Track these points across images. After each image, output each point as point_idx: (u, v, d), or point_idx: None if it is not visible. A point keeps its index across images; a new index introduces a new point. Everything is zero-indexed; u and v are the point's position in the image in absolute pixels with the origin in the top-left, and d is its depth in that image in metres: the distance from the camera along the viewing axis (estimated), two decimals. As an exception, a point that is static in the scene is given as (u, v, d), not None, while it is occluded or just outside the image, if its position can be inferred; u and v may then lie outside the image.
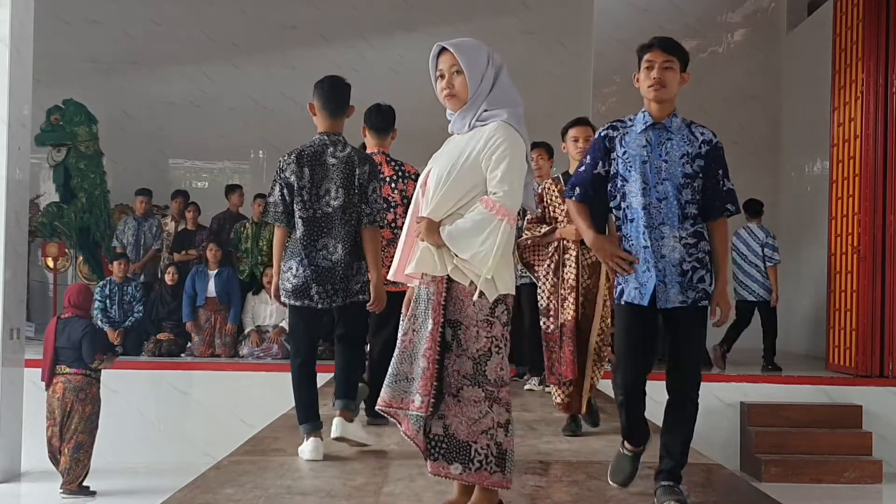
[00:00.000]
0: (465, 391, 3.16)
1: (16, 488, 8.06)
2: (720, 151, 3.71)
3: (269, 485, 3.84)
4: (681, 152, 3.66)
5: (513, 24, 12.96)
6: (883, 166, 8.94)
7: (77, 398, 7.47)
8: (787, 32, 12.67)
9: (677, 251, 3.63)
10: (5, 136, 8.19)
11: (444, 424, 3.20)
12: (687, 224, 3.65)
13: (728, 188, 3.72)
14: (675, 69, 3.71)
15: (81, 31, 12.99)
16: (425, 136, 12.43)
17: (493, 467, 3.18)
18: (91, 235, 11.55)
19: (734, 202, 3.73)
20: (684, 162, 3.65)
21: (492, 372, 3.15)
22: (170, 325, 9.84)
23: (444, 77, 3.33)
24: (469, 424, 3.17)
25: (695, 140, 3.69)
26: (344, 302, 4.55)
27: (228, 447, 4.80)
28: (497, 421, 3.17)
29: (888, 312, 8.85)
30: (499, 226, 3.12)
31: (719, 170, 3.70)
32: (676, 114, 3.75)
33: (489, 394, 3.15)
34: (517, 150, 3.21)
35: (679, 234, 3.64)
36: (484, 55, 3.31)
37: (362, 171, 4.61)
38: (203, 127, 12.98)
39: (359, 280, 4.59)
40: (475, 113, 3.29)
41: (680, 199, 3.64)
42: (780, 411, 8.55)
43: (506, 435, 3.19)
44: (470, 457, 3.18)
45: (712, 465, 4.69)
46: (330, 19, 12.90)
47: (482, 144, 3.22)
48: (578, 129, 5.26)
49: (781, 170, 12.60)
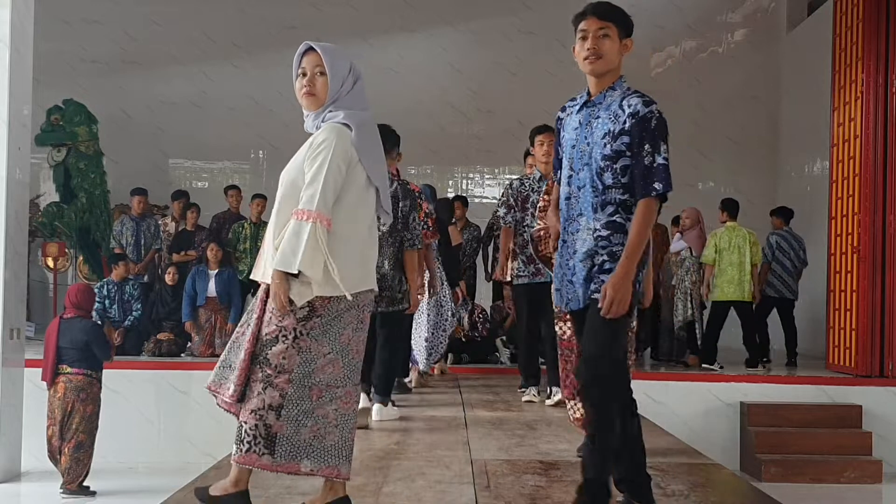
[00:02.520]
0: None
1: (16, 488, 8.06)
2: (648, 123, 3.21)
3: (269, 485, 3.84)
4: (603, 131, 3.27)
5: (513, 24, 12.97)
6: (883, 166, 8.94)
7: (78, 398, 7.48)
8: (787, 32, 12.68)
9: (587, 244, 3.29)
10: (5, 136, 8.19)
11: None
12: (603, 214, 3.26)
13: (658, 164, 3.19)
14: (613, 36, 3.31)
15: (81, 31, 13.00)
16: (424, 136, 12.61)
17: (261, 449, 3.19)
18: (91, 235, 11.55)
19: (663, 180, 3.19)
20: (605, 142, 3.25)
21: (274, 357, 3.20)
22: (170, 325, 9.84)
23: (307, 76, 3.34)
24: (245, 405, 3.24)
25: (621, 114, 3.24)
26: (388, 308, 5.60)
27: (228, 447, 4.78)
28: (269, 403, 3.19)
29: (888, 312, 8.85)
30: (305, 229, 3.14)
31: (646, 144, 3.19)
32: (616, 86, 3.33)
33: (266, 376, 3.20)
34: (338, 147, 3.22)
35: (593, 226, 3.28)
36: (347, 62, 3.38)
37: (405, 204, 5.68)
38: (203, 127, 12.99)
39: (400, 290, 5.68)
40: (323, 115, 3.34)
41: (597, 186, 3.27)
42: (780, 411, 8.55)
43: (277, 419, 3.20)
44: (241, 438, 3.23)
45: (712, 465, 4.70)
46: (330, 19, 12.90)
47: (307, 149, 3.29)
48: (545, 136, 5.20)
49: (781, 170, 12.60)
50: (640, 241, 3.18)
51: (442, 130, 13.12)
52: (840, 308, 9.31)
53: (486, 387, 7.88)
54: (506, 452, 4.82)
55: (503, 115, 12.59)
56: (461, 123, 13.29)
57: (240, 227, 10.40)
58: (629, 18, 3.38)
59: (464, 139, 13.30)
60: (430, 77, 13.12)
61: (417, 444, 4.96)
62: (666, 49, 12.83)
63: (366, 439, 5.11)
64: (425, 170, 13.34)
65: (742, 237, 9.37)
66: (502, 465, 4.47)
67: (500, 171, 13.46)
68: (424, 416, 6.00)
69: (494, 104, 12.92)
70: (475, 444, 4.99)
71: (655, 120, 3.21)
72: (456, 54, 13.26)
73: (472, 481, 4.06)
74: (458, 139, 13.28)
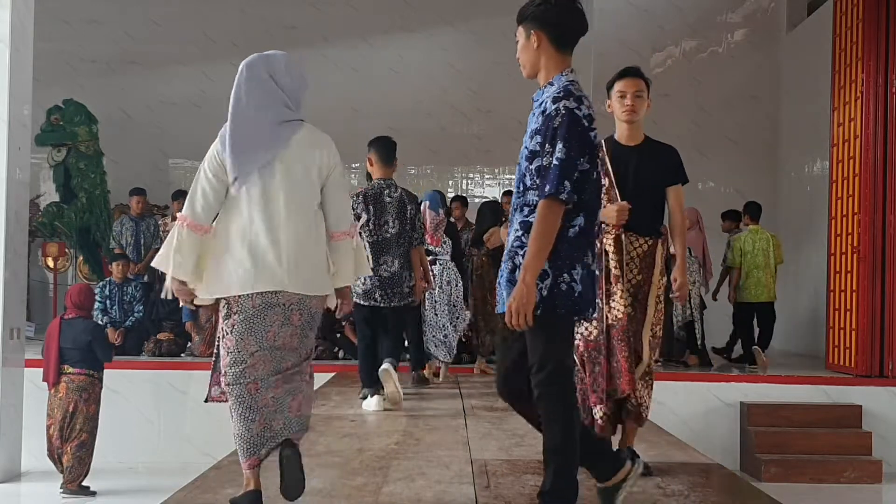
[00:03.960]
0: None
1: (16, 488, 8.06)
2: (552, 120, 3.10)
3: (269, 485, 3.84)
4: (528, 131, 3.21)
5: (513, 25, 12.90)
6: (883, 166, 8.94)
7: (80, 398, 7.49)
8: (787, 32, 12.67)
9: (509, 245, 3.24)
10: (5, 136, 8.19)
11: None
12: (521, 215, 3.19)
13: (553, 164, 3.06)
14: (528, 41, 3.34)
15: (81, 31, 13.00)
16: (424, 136, 12.62)
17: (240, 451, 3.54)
18: (91, 235, 11.55)
19: (551, 182, 3.04)
20: (525, 143, 3.20)
21: (221, 360, 3.52)
22: (170, 325, 9.84)
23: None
24: None
25: (541, 112, 3.19)
26: (399, 304, 6.24)
27: (228, 447, 4.80)
28: (230, 407, 3.50)
29: (888, 312, 8.85)
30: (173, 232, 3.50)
31: (546, 143, 3.10)
32: (554, 81, 3.23)
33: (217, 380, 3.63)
34: (207, 155, 3.55)
35: (515, 227, 3.22)
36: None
37: (411, 208, 6.32)
38: (203, 127, 12.80)
39: (408, 286, 6.26)
40: None
41: (519, 188, 3.22)
42: (780, 411, 8.55)
43: (233, 420, 3.50)
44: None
45: (712, 465, 4.70)
46: (330, 19, 12.91)
47: None
48: (626, 83, 4.24)
49: (781, 170, 12.59)
50: (538, 246, 3.05)
51: (442, 130, 13.12)
52: (840, 308, 9.31)
53: (486, 387, 7.87)
54: (506, 452, 4.82)
55: (503, 115, 12.57)
56: (461, 123, 13.29)
57: (240, 228, 10.39)
58: (529, 10, 3.36)
59: (464, 139, 13.30)
60: (430, 77, 13.11)
61: (417, 444, 4.97)
62: (666, 49, 12.82)
63: (366, 439, 5.12)
64: (425, 170, 13.34)
65: (766, 240, 9.62)
66: (502, 465, 4.47)
67: (500, 171, 13.46)
68: (424, 416, 6.01)
69: (494, 104, 12.91)
70: (475, 444, 4.99)
71: (561, 117, 3.09)
72: (456, 54, 13.26)
73: (472, 481, 4.06)
74: (458, 139, 13.28)
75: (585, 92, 3.24)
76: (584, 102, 3.16)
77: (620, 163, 4.24)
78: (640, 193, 4.19)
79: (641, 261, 4.17)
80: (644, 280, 4.17)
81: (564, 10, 3.28)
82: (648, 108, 4.32)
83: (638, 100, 4.24)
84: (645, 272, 4.17)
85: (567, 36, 3.30)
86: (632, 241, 4.17)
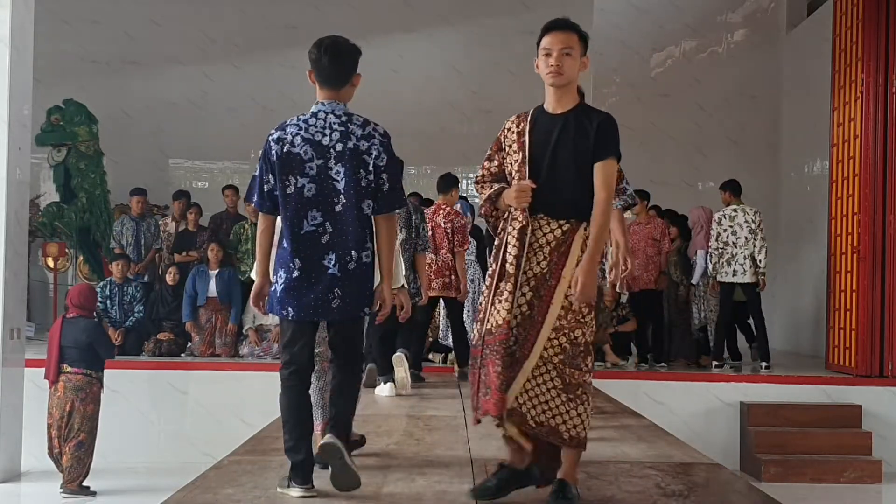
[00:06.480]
0: None
1: (16, 488, 8.06)
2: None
3: (269, 485, 3.84)
4: None
5: (513, 24, 12.96)
6: (883, 166, 8.94)
7: (77, 397, 7.49)
8: (786, 32, 12.67)
9: None
10: (5, 136, 8.19)
11: None
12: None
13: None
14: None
15: (81, 31, 13.00)
16: (424, 136, 12.61)
17: None
18: (91, 235, 11.55)
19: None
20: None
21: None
22: (170, 325, 9.84)
23: None
24: None
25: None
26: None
27: (228, 447, 4.81)
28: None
29: (888, 312, 8.86)
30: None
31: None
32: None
33: None
34: None
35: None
36: None
37: (416, 217, 7.02)
38: (203, 127, 12.98)
39: (414, 287, 6.95)
40: None
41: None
42: (780, 411, 8.55)
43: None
44: None
45: (712, 465, 4.69)
46: (330, 19, 12.87)
47: None
48: (552, 38, 3.67)
49: (781, 170, 12.60)
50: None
51: (442, 130, 13.12)
52: (840, 308, 9.31)
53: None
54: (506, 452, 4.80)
55: (503, 115, 12.42)
56: (461, 123, 13.29)
57: (240, 228, 10.38)
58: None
59: (464, 139, 13.29)
60: (430, 77, 13.12)
61: (417, 445, 4.96)
62: (666, 49, 12.82)
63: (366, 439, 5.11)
64: (425, 170, 13.34)
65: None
66: (502, 465, 4.45)
67: (500, 171, 13.45)
68: (424, 416, 6.00)
69: (494, 104, 12.88)
70: (475, 444, 4.98)
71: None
72: (456, 54, 13.26)
73: (472, 481, 4.06)
74: (458, 139, 13.27)
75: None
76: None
77: (541, 133, 3.62)
78: (556, 168, 3.55)
79: (552, 249, 3.49)
80: (551, 272, 3.48)
81: None
82: (584, 69, 3.69)
83: (567, 58, 3.59)
84: (553, 263, 3.48)
85: None
86: (541, 226, 3.52)
